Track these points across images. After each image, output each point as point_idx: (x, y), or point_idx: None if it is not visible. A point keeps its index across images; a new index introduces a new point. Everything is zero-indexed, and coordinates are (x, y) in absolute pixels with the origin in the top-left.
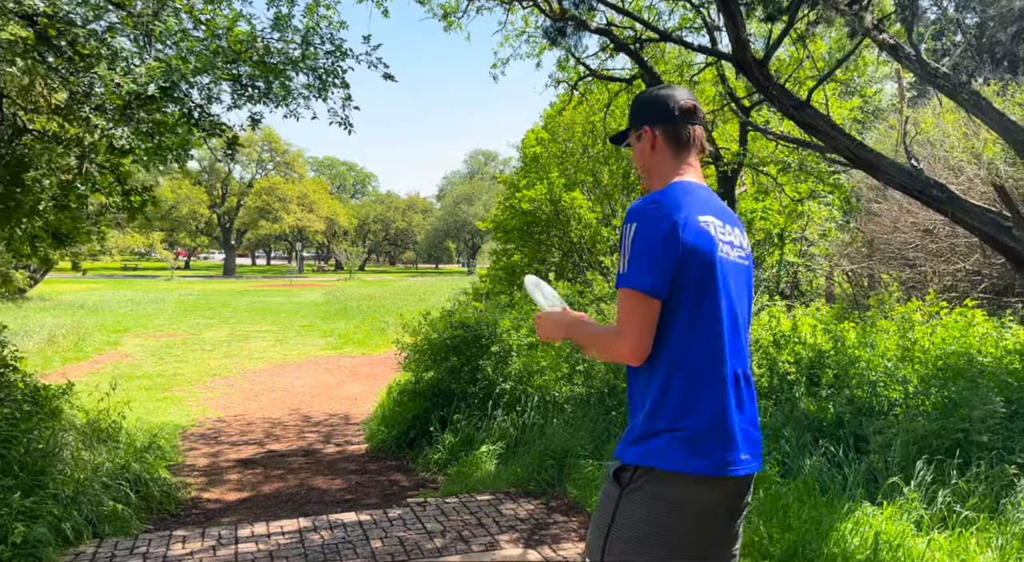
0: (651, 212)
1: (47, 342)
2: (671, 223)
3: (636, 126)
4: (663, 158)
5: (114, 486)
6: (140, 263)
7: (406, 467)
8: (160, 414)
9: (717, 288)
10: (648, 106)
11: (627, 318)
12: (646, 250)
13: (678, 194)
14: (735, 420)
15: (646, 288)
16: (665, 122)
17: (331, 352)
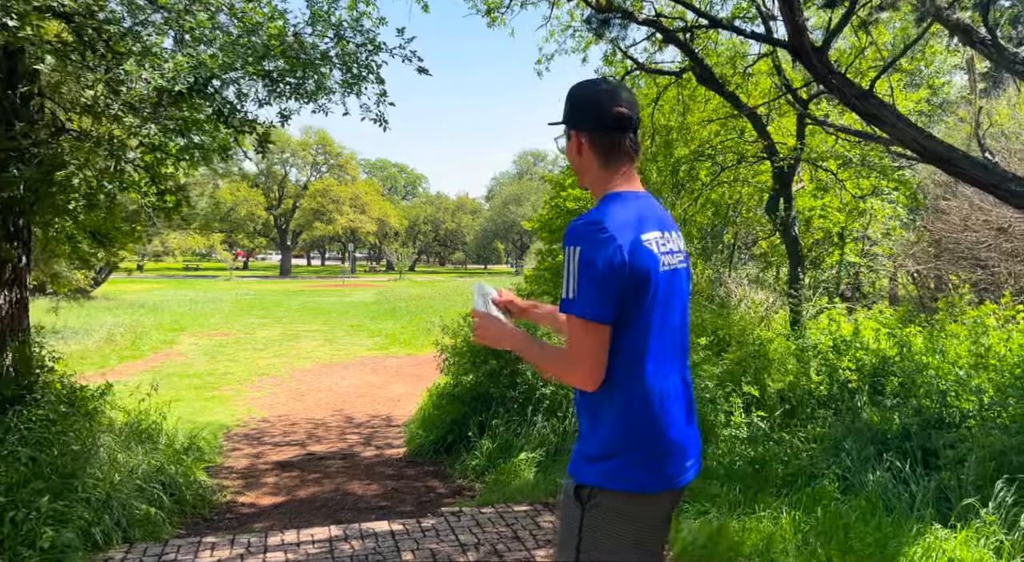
0: (594, 235)
1: (105, 340)
2: (615, 248)
3: (566, 124)
4: (590, 165)
5: (148, 489)
6: (201, 264)
7: (443, 473)
8: (206, 413)
9: (662, 304)
10: (577, 107)
11: (579, 345)
12: (592, 277)
13: (617, 212)
14: (685, 431)
15: (595, 317)
16: (592, 129)
17: (377, 352)
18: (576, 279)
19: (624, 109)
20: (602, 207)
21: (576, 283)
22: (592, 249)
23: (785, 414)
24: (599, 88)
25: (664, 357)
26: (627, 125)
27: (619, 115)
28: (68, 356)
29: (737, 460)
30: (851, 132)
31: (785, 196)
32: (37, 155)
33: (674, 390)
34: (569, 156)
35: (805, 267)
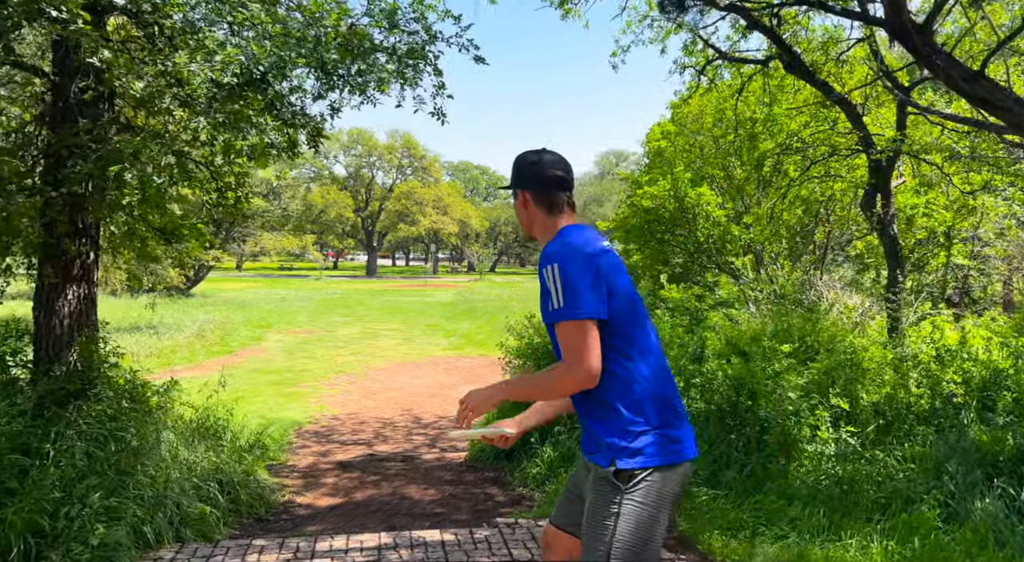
0: (567, 250)
1: (196, 336)
2: (587, 253)
3: (513, 186)
4: (536, 215)
5: (205, 488)
6: (295, 264)
7: (503, 480)
8: (281, 409)
9: (635, 292)
10: (519, 171)
11: (576, 346)
12: (577, 281)
13: (574, 233)
14: (679, 400)
15: (588, 314)
16: (535, 188)
17: (451, 352)
18: (560, 289)
19: (559, 171)
20: (562, 234)
21: (561, 293)
22: (569, 260)
23: (879, 430)
24: (533, 157)
25: (655, 339)
26: (563, 183)
27: (555, 176)
28: (160, 350)
29: (823, 479)
30: (959, 120)
31: (883, 192)
32: (97, 150)
33: (658, 364)
34: (519, 211)
35: (906, 269)
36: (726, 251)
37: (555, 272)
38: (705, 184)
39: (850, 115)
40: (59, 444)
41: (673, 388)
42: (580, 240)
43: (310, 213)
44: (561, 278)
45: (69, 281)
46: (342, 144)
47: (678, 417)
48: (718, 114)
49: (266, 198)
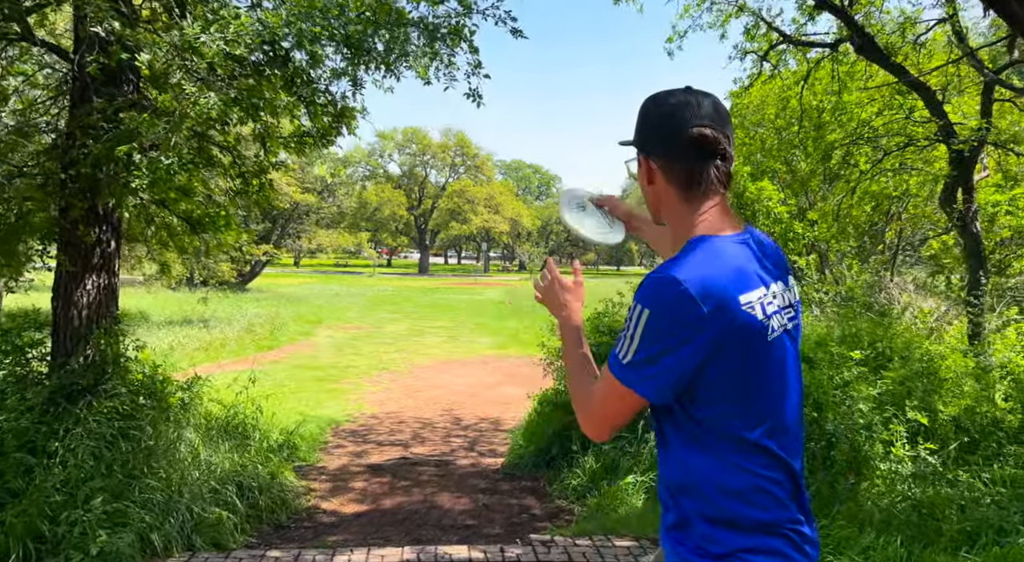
0: (672, 299)
1: (245, 330)
2: (697, 319)
3: (637, 148)
4: (666, 198)
5: (223, 491)
6: (350, 260)
7: (541, 490)
8: (320, 406)
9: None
10: (648, 123)
11: (604, 402)
12: (655, 353)
13: (704, 266)
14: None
15: (641, 393)
16: (667, 154)
17: (496, 351)
18: (635, 346)
19: (707, 129)
20: (684, 258)
21: (633, 351)
22: (664, 316)
23: (962, 448)
24: (676, 100)
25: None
26: (711, 149)
27: (704, 136)
28: (209, 344)
29: (898, 501)
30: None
31: (964, 186)
32: (108, 131)
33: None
34: (641, 185)
35: (988, 270)
36: (788, 250)
37: (640, 319)
38: (766, 178)
39: (929, 101)
40: (67, 442)
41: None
42: (706, 280)
43: (365, 211)
44: (642, 333)
45: (88, 270)
46: (396, 143)
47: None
48: (781, 103)
49: (320, 195)
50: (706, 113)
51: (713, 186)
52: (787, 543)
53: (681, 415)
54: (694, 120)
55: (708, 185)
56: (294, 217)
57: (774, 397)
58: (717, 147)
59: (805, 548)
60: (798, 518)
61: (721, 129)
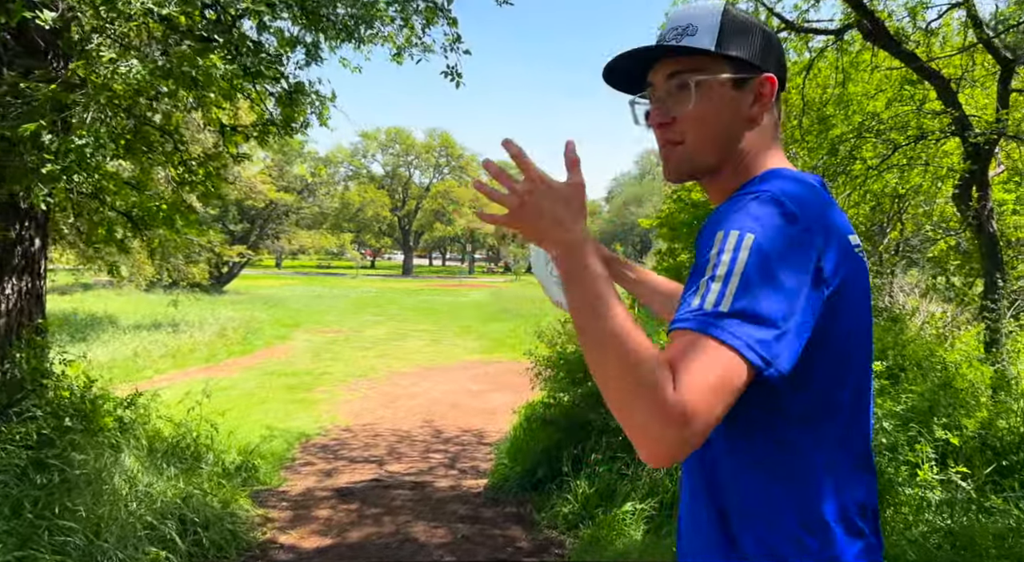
0: (780, 220)
1: (217, 335)
2: (813, 246)
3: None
4: (765, 128)
5: (162, 527)
6: (332, 262)
7: (528, 518)
8: (289, 418)
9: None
10: (757, 35)
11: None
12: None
13: (805, 193)
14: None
15: (752, 352)
16: (779, 73)
17: (481, 356)
18: (735, 282)
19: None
20: (773, 184)
21: (731, 285)
22: (777, 240)
23: (996, 471)
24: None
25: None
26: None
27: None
28: (177, 350)
29: (929, 534)
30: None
31: (980, 183)
32: (19, 108)
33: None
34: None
35: (1006, 273)
36: None
37: (739, 246)
38: None
39: (942, 91)
40: None
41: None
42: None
43: (347, 211)
44: (746, 261)
45: (7, 272)
46: (380, 143)
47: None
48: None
49: (300, 195)
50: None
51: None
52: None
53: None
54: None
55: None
56: (272, 217)
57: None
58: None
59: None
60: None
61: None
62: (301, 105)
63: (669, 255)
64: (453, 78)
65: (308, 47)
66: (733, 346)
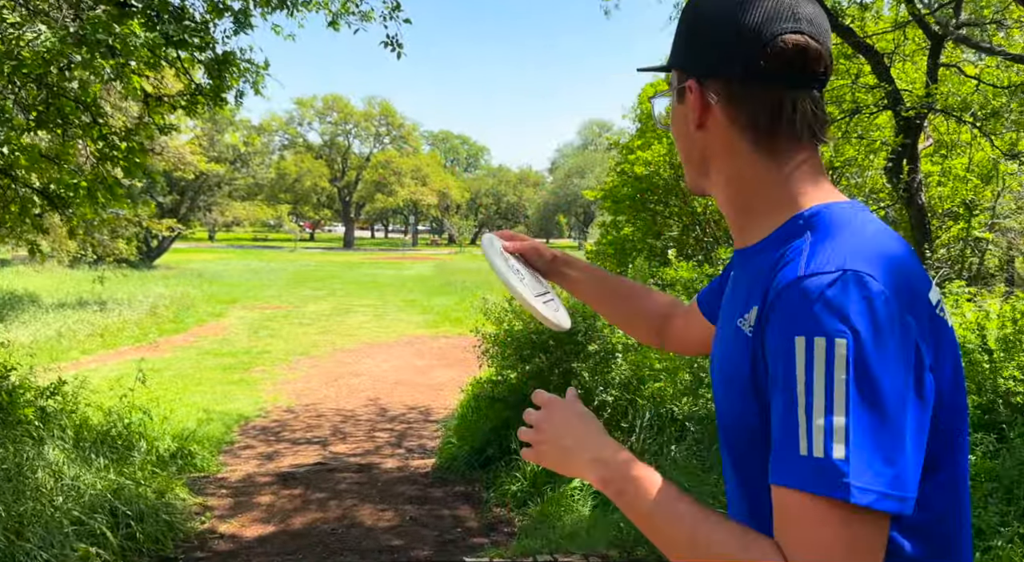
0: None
1: (148, 313)
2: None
3: (679, 71)
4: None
5: (91, 521)
6: (269, 234)
7: (477, 496)
8: (227, 400)
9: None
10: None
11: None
12: (889, 414)
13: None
14: None
15: (895, 501)
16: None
17: (426, 331)
18: (843, 411)
19: (805, 36)
20: (825, 240)
21: (844, 423)
22: (881, 345)
23: None
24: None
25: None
26: (813, 70)
27: (796, 48)
28: (105, 329)
29: None
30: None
31: (910, 156)
32: None
33: None
34: (678, 133)
35: (934, 243)
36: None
37: (835, 362)
38: None
39: (876, 65)
40: None
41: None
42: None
43: (284, 182)
44: (848, 384)
45: None
46: (316, 110)
47: None
48: None
49: (233, 165)
50: (805, 15)
51: (807, 131)
52: None
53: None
54: (786, 21)
55: (803, 128)
56: (204, 189)
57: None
58: (818, 69)
59: None
60: None
61: (824, 42)
62: (232, 75)
63: (613, 228)
64: (394, 48)
65: (236, 14)
66: (866, 503)
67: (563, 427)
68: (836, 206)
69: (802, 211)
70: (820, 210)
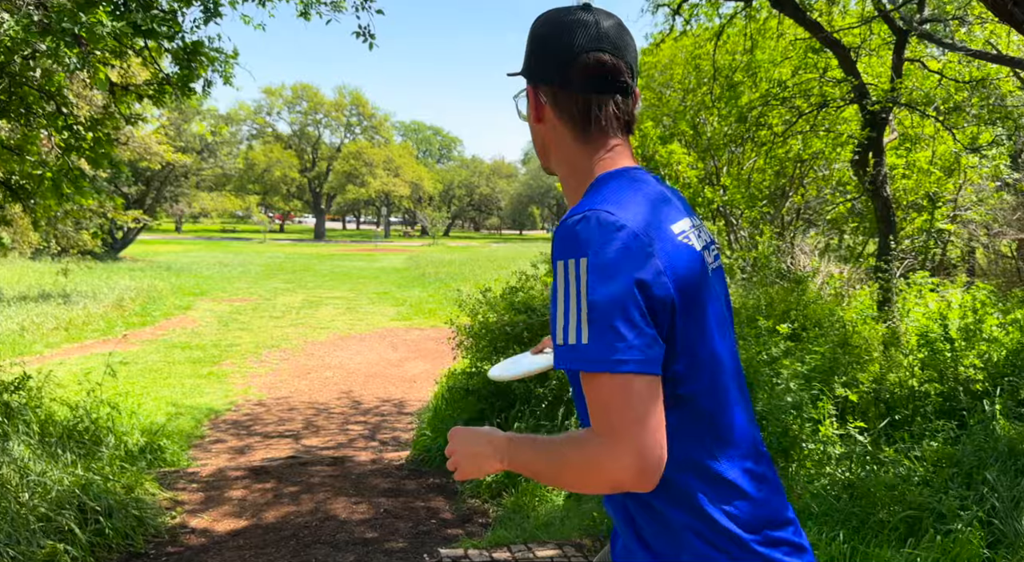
0: (607, 235)
1: (114, 305)
2: (641, 248)
3: (525, 78)
4: (558, 139)
5: (58, 518)
6: (238, 226)
7: (451, 488)
8: (196, 395)
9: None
10: (537, 46)
11: (616, 416)
12: (617, 299)
13: (627, 196)
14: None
15: (634, 365)
16: (559, 84)
17: (400, 323)
18: (586, 309)
19: (606, 55)
20: (599, 193)
21: (587, 316)
22: (605, 254)
23: (890, 425)
24: (570, 18)
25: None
26: (613, 79)
27: (598, 64)
28: (69, 322)
29: (829, 486)
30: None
31: (875, 149)
32: None
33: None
34: (529, 125)
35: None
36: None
37: (577, 272)
38: (676, 142)
39: (843, 60)
40: None
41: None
42: (635, 209)
43: (252, 172)
44: (589, 286)
45: None
46: (286, 99)
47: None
48: (693, 62)
49: (200, 155)
50: (606, 35)
51: (613, 125)
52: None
53: None
54: (591, 43)
55: (608, 123)
56: (170, 179)
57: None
58: (617, 78)
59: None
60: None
61: (623, 57)
62: (201, 64)
63: None
64: (366, 39)
65: (206, 3)
66: (617, 369)
67: (465, 442)
68: (614, 172)
69: (598, 177)
70: (601, 177)
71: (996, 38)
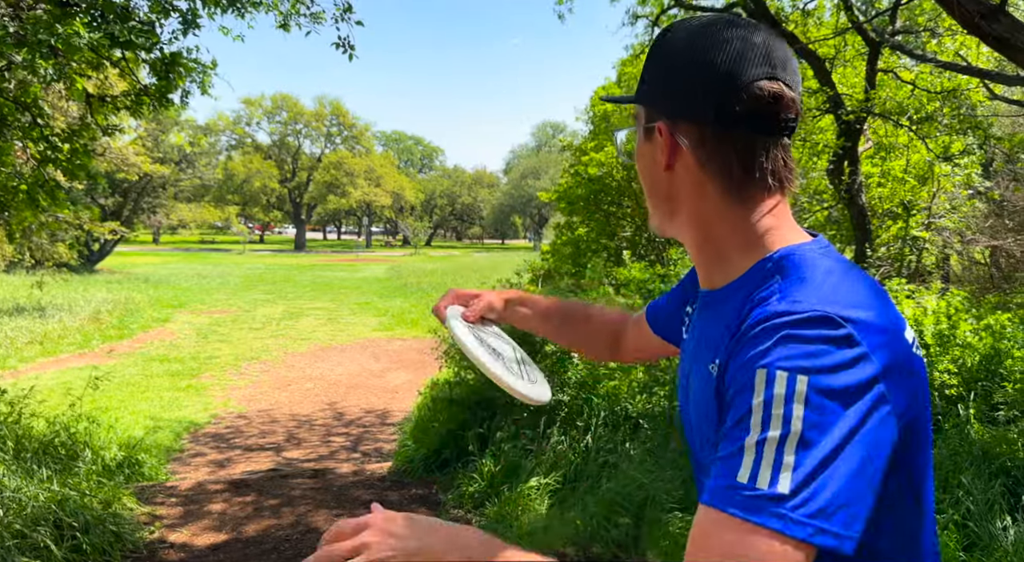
0: (831, 349)
1: (90, 319)
2: (873, 378)
3: (648, 109)
4: (699, 192)
5: (33, 534)
6: (217, 237)
7: (434, 499)
8: (175, 408)
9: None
10: (679, 68)
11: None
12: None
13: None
14: None
15: (835, 540)
16: (714, 118)
17: (381, 333)
18: (794, 447)
19: (779, 82)
20: (794, 282)
21: (793, 457)
22: (835, 383)
23: None
24: (731, 35)
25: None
26: (785, 119)
27: (771, 94)
28: (44, 336)
29: None
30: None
31: (851, 158)
32: None
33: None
34: (644, 171)
35: (874, 243)
36: None
37: (795, 397)
38: None
39: (818, 70)
40: None
41: None
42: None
43: (232, 183)
44: (803, 418)
45: None
46: (265, 109)
47: None
48: None
49: (178, 166)
50: (780, 60)
51: (777, 178)
52: None
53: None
54: (765, 69)
55: (775, 174)
56: (148, 190)
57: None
58: (790, 116)
59: None
60: None
61: (796, 89)
62: (179, 75)
63: (567, 229)
64: (346, 50)
65: (184, 14)
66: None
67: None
68: (804, 248)
69: (771, 254)
70: (788, 253)
71: (966, 50)
